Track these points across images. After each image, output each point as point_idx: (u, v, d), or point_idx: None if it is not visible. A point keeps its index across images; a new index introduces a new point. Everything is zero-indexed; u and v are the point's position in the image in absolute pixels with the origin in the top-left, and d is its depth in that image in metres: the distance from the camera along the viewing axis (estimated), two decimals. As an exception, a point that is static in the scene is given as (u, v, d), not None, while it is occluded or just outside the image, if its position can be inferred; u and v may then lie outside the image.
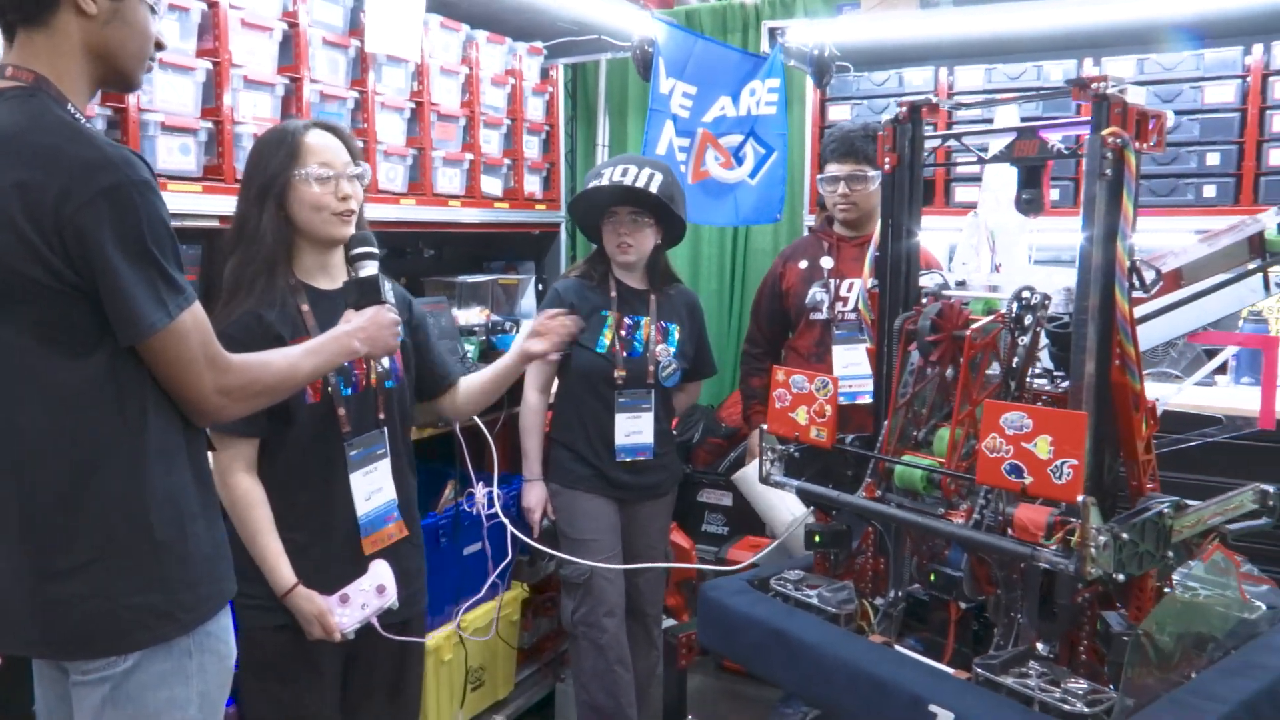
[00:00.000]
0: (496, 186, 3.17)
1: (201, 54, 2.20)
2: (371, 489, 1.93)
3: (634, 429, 2.66)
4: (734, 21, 4.10)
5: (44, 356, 1.31)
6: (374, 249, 1.82)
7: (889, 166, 1.90)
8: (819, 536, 1.90)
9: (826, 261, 2.87)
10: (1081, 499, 1.36)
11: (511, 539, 2.55)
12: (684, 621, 3.30)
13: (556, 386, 2.77)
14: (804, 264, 2.93)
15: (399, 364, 2.00)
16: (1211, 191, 3.00)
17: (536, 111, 3.35)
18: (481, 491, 2.56)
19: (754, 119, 3.29)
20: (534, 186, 3.36)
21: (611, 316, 2.65)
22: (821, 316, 2.87)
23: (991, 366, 1.69)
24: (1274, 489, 1.71)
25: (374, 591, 1.87)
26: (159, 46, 1.46)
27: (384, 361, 1.95)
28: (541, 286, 3.58)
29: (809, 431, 1.85)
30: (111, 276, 1.28)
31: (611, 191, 2.57)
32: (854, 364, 2.73)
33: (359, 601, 1.85)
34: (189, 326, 1.35)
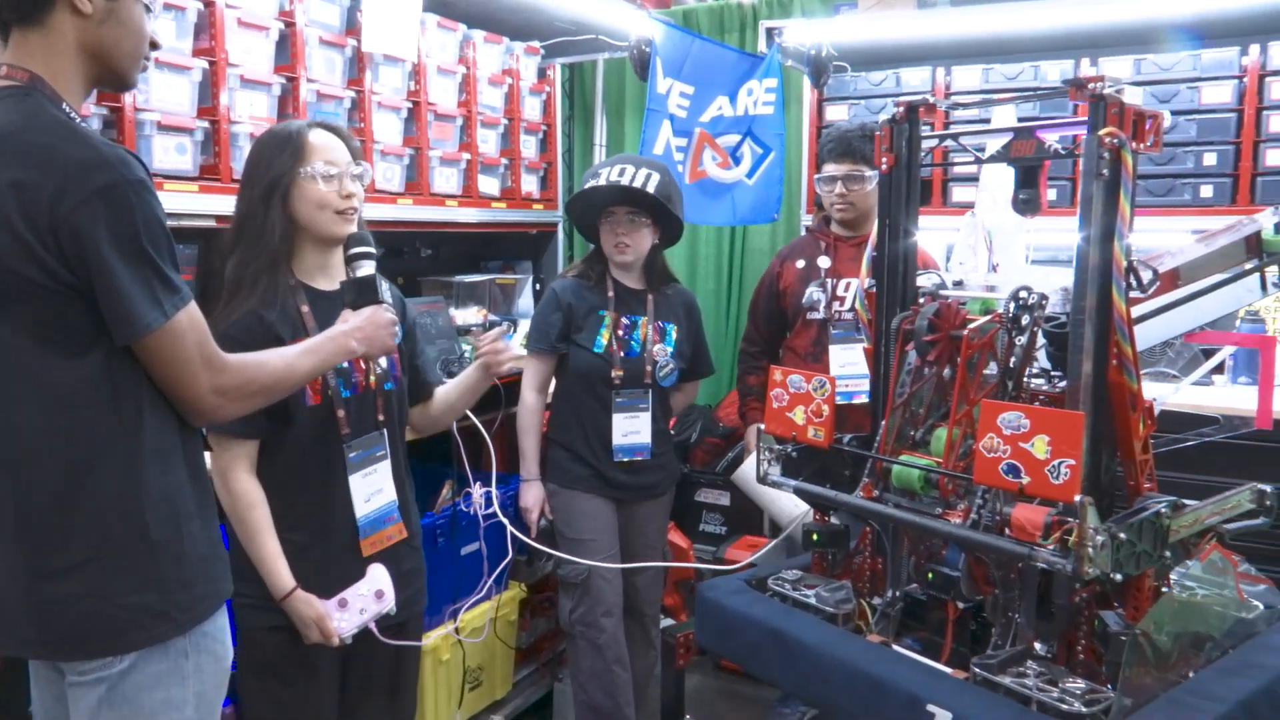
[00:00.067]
0: (494, 186, 3.17)
1: (198, 53, 2.20)
2: (371, 490, 1.92)
3: (631, 429, 2.66)
4: (731, 21, 4.10)
5: (40, 356, 1.31)
6: (371, 249, 1.82)
7: (886, 166, 1.90)
8: (817, 536, 1.90)
9: (824, 261, 2.87)
10: (1079, 499, 1.35)
11: (510, 539, 2.55)
12: (682, 621, 3.30)
13: (554, 386, 2.77)
14: (801, 264, 2.93)
15: (397, 365, 2.00)
16: (1208, 192, 3.00)
17: (534, 111, 3.35)
18: (479, 491, 2.55)
19: (751, 119, 3.28)
20: (531, 186, 3.36)
21: (609, 316, 2.65)
22: (818, 316, 2.87)
23: (989, 366, 1.68)
24: (1271, 488, 1.71)
25: (372, 596, 1.86)
26: (154, 46, 1.47)
27: (381, 362, 1.95)
28: (539, 286, 3.58)
29: (806, 431, 1.85)
30: (107, 276, 1.27)
31: (609, 191, 2.57)
32: (850, 363, 2.73)
33: (357, 606, 1.85)
34: (185, 326, 1.35)
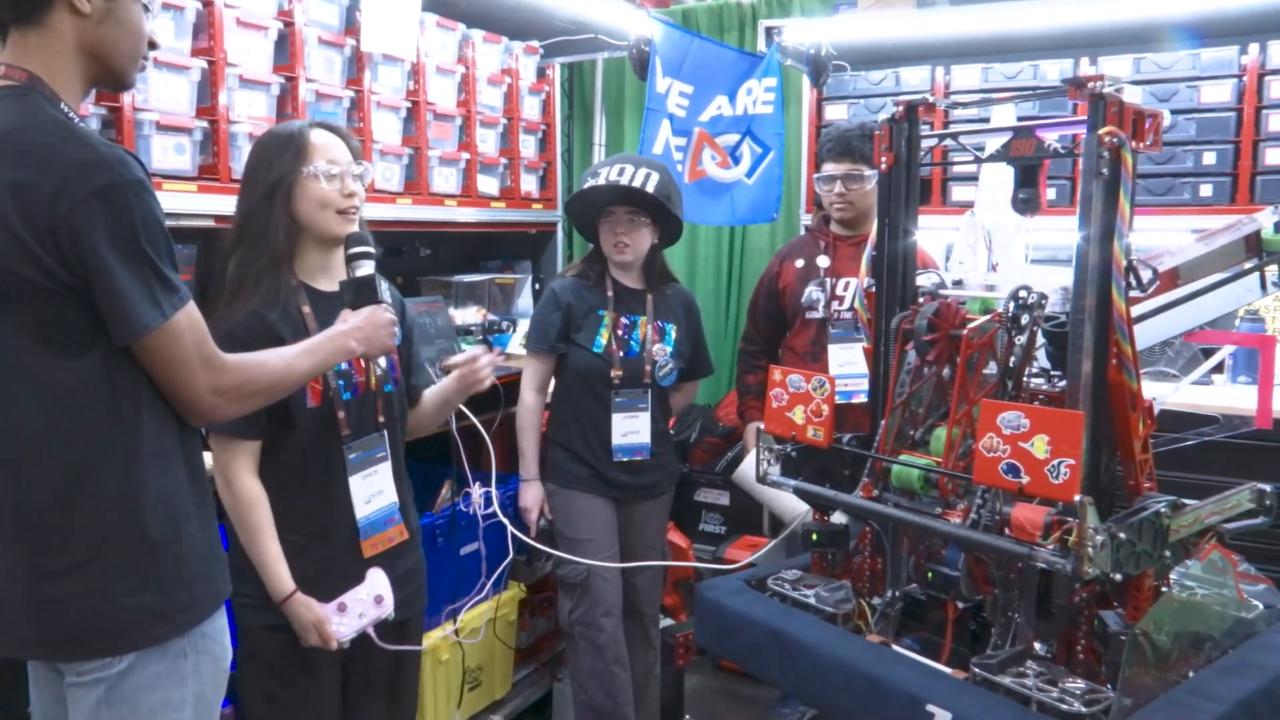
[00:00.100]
0: (493, 186, 3.17)
1: (196, 53, 2.20)
2: (371, 491, 1.92)
3: (631, 429, 2.66)
4: (730, 20, 4.09)
5: (39, 356, 1.31)
6: (370, 248, 1.82)
7: (885, 166, 1.90)
8: (816, 536, 1.90)
9: (823, 260, 2.87)
10: (1079, 498, 1.35)
11: (510, 539, 2.55)
12: (681, 621, 3.30)
13: (553, 386, 2.77)
14: (800, 263, 2.93)
15: (396, 367, 2.00)
16: (1208, 191, 3.00)
17: (533, 111, 3.35)
18: (478, 491, 2.55)
19: (751, 118, 3.28)
20: (530, 186, 3.36)
21: (608, 316, 2.65)
22: (817, 315, 2.87)
23: (988, 366, 1.68)
24: (1271, 488, 1.71)
25: (372, 601, 1.87)
26: (152, 46, 1.47)
27: (381, 363, 1.94)
28: (538, 286, 3.58)
29: (806, 431, 1.85)
30: (105, 276, 1.27)
31: (608, 191, 2.57)
32: (849, 363, 2.73)
33: (356, 611, 1.85)
34: (183, 326, 1.35)
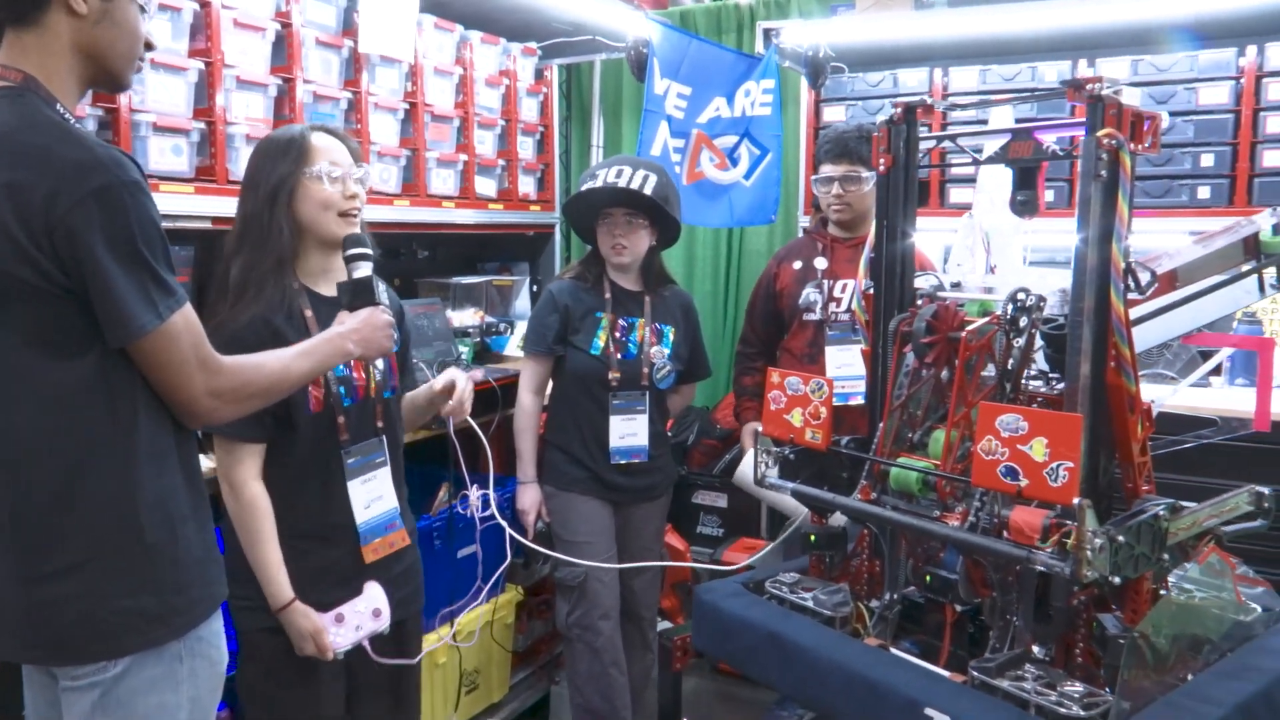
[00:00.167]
0: (491, 187, 3.17)
1: (194, 54, 2.20)
2: (371, 497, 1.92)
3: (628, 431, 2.65)
4: (729, 22, 4.10)
5: (35, 358, 1.31)
6: (368, 250, 1.82)
7: (884, 168, 1.90)
8: (814, 539, 1.90)
9: (820, 262, 2.87)
10: (1077, 501, 1.35)
11: (507, 541, 2.54)
12: (679, 624, 3.29)
13: (551, 388, 2.76)
14: (798, 265, 2.93)
15: (394, 371, 1.99)
16: (1206, 193, 3.00)
17: (531, 112, 3.34)
18: (476, 494, 2.54)
19: (749, 120, 3.28)
20: (528, 187, 3.35)
21: (606, 318, 2.64)
22: (815, 317, 2.87)
23: (986, 368, 1.68)
24: (1269, 490, 1.71)
25: (369, 614, 1.87)
26: (149, 47, 1.46)
27: (379, 365, 1.94)
28: (536, 288, 3.58)
29: (804, 434, 1.84)
30: (102, 278, 1.27)
31: (606, 193, 2.57)
32: (847, 365, 2.73)
33: (353, 623, 1.85)
34: (180, 328, 1.34)
